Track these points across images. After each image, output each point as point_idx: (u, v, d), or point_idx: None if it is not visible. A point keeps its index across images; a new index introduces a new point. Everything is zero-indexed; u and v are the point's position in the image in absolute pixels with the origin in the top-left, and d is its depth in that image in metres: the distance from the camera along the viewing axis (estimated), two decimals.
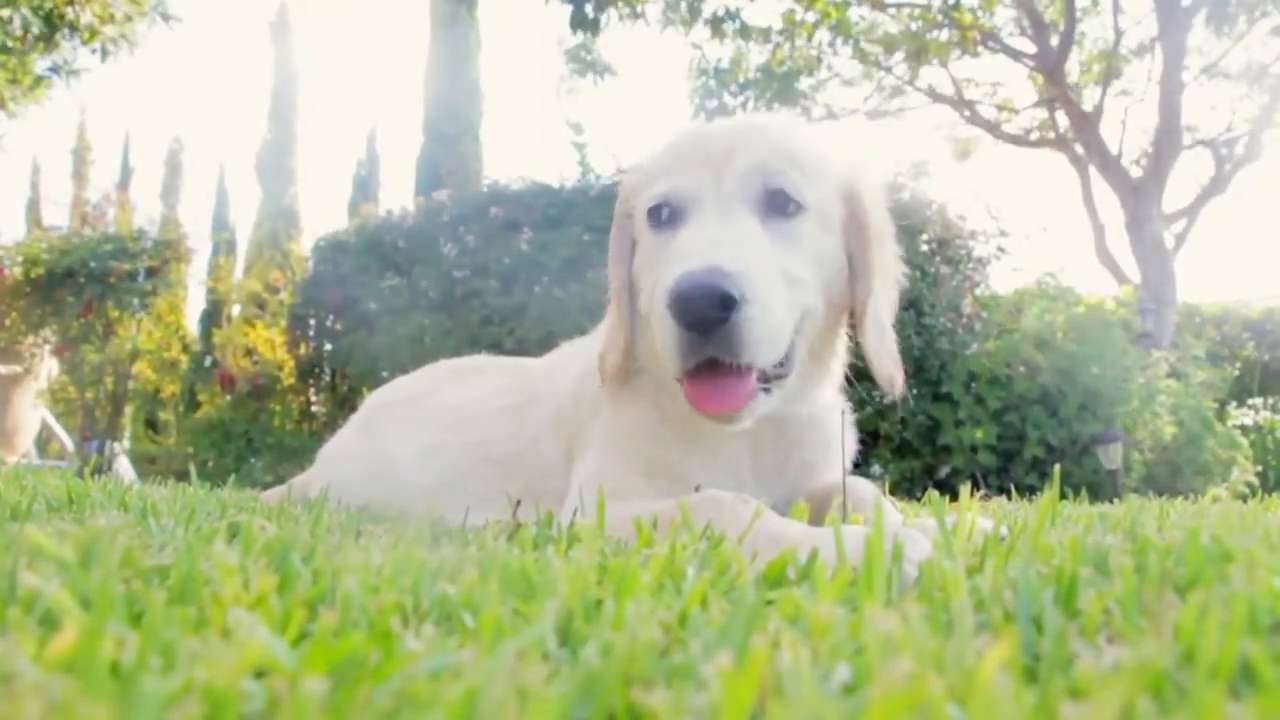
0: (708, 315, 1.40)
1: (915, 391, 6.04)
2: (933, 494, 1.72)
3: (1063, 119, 13.20)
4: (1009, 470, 6.01)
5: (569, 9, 10.93)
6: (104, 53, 7.56)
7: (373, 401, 2.83)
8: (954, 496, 1.89)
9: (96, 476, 2.72)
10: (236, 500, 2.38)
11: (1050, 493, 1.24)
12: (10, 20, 7.15)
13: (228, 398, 8.06)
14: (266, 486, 3.10)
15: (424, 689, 0.52)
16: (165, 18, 7.78)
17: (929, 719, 0.48)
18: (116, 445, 9.02)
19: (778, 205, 1.65)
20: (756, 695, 0.51)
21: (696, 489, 1.59)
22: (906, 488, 5.67)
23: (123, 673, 0.57)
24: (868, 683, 0.60)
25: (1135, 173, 12.10)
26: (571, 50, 13.73)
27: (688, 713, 0.50)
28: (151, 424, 10.73)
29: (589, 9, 10.83)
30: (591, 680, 0.56)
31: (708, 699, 0.52)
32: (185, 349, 9.88)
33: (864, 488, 1.78)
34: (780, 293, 1.53)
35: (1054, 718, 0.50)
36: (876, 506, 0.93)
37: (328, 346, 7.91)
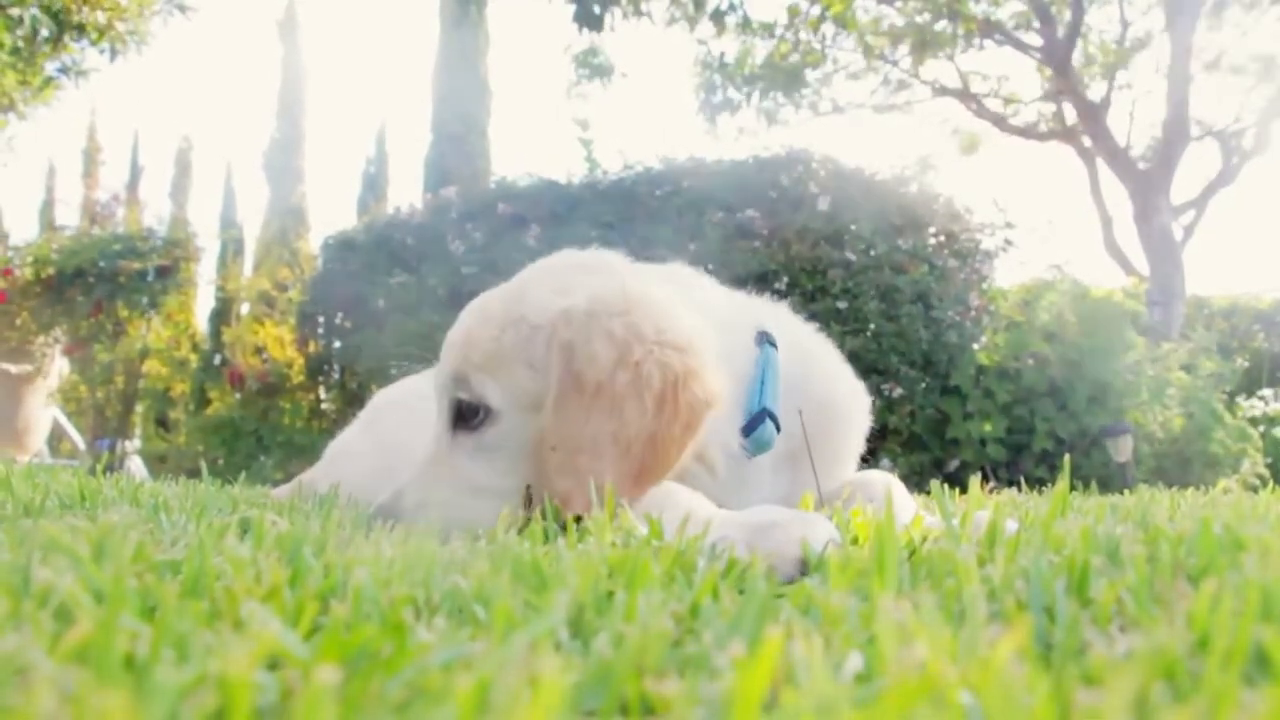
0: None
1: (924, 385, 6.04)
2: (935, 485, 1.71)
3: (1070, 112, 13.16)
4: (1018, 463, 6.01)
5: (573, 8, 10.93)
6: (113, 52, 7.57)
7: (379, 400, 2.84)
8: (963, 489, 1.88)
9: (108, 474, 2.73)
10: (247, 497, 2.39)
11: (1061, 483, 1.24)
12: (20, 21, 7.16)
13: (237, 396, 8.09)
14: (277, 483, 3.11)
15: (436, 680, 0.52)
16: (181, 8, 7.78)
17: (942, 707, 0.48)
18: (128, 444, 9.06)
19: (465, 417, 1.67)
20: (769, 684, 0.51)
21: None
22: (916, 481, 5.67)
23: (137, 665, 0.57)
24: (881, 672, 0.60)
25: (1143, 165, 12.07)
26: (580, 55, 13.77)
27: (700, 702, 0.50)
28: (162, 422, 10.78)
29: (595, 7, 10.83)
30: (604, 670, 0.57)
31: (720, 688, 0.52)
32: (195, 348, 9.93)
33: (878, 477, 1.80)
34: (461, 509, 1.62)
35: (1068, 705, 0.50)
36: (887, 495, 0.93)
37: (337, 344, 7.92)
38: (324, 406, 8.05)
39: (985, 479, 5.35)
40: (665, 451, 1.51)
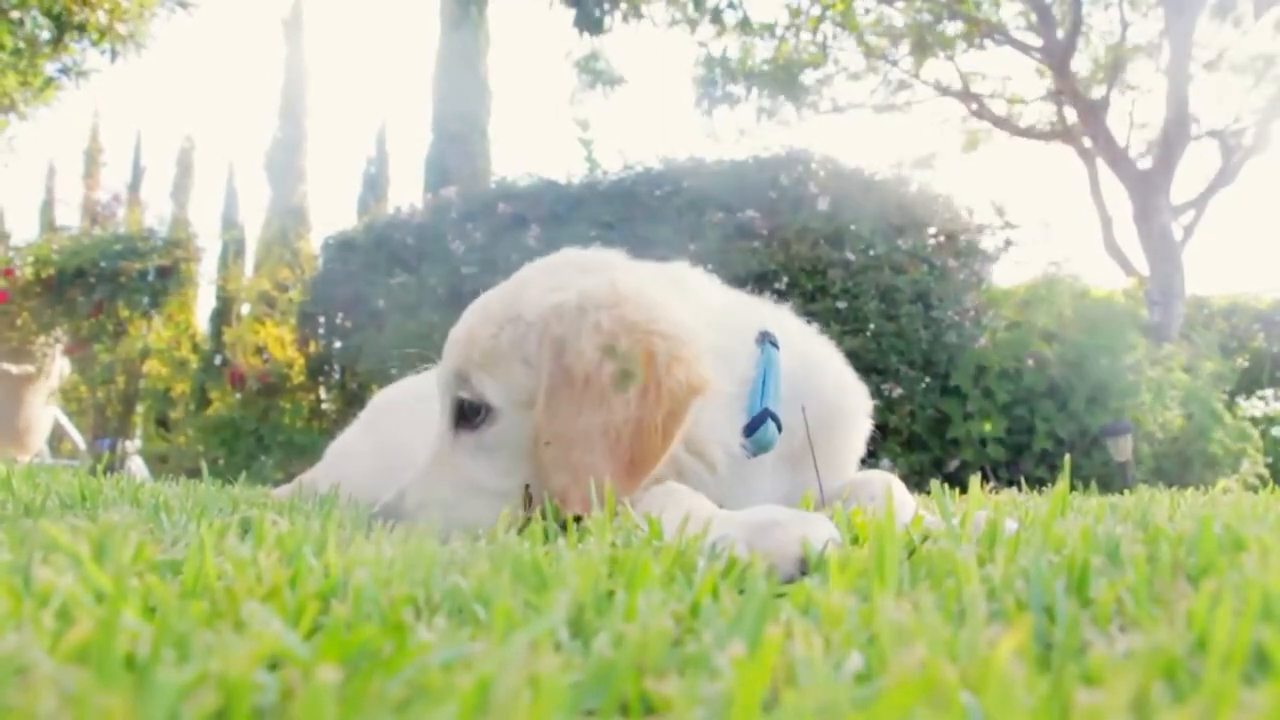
0: None
1: (924, 385, 6.04)
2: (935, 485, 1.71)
3: (1070, 112, 13.17)
4: (1018, 463, 6.01)
5: (573, 11, 10.95)
6: (113, 53, 7.57)
7: (379, 400, 2.84)
8: (963, 489, 1.88)
9: (109, 474, 2.73)
10: (248, 497, 2.39)
11: (1061, 483, 1.24)
12: (21, 23, 7.17)
13: (238, 396, 8.09)
14: (277, 483, 3.11)
15: (437, 679, 0.52)
16: (183, 5, 7.77)
17: (942, 706, 0.48)
18: (129, 444, 9.06)
19: (467, 416, 1.68)
20: (769, 684, 0.51)
21: None
22: (916, 481, 5.66)
23: (138, 665, 0.57)
24: (881, 671, 0.60)
25: (1143, 165, 12.07)
26: (581, 61, 13.79)
27: (700, 701, 0.50)
28: (162, 422, 10.78)
29: (594, 10, 10.84)
30: (604, 670, 0.57)
31: (721, 688, 0.52)
32: (195, 348, 9.93)
33: (878, 476, 1.80)
34: (462, 508, 1.62)
35: (1067, 704, 0.50)
36: (887, 494, 0.93)
37: (337, 344, 7.93)
38: (324, 406, 8.05)
39: (985, 479, 5.34)
40: (651, 440, 1.51)
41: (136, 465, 8.68)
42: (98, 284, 8.09)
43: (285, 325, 8.62)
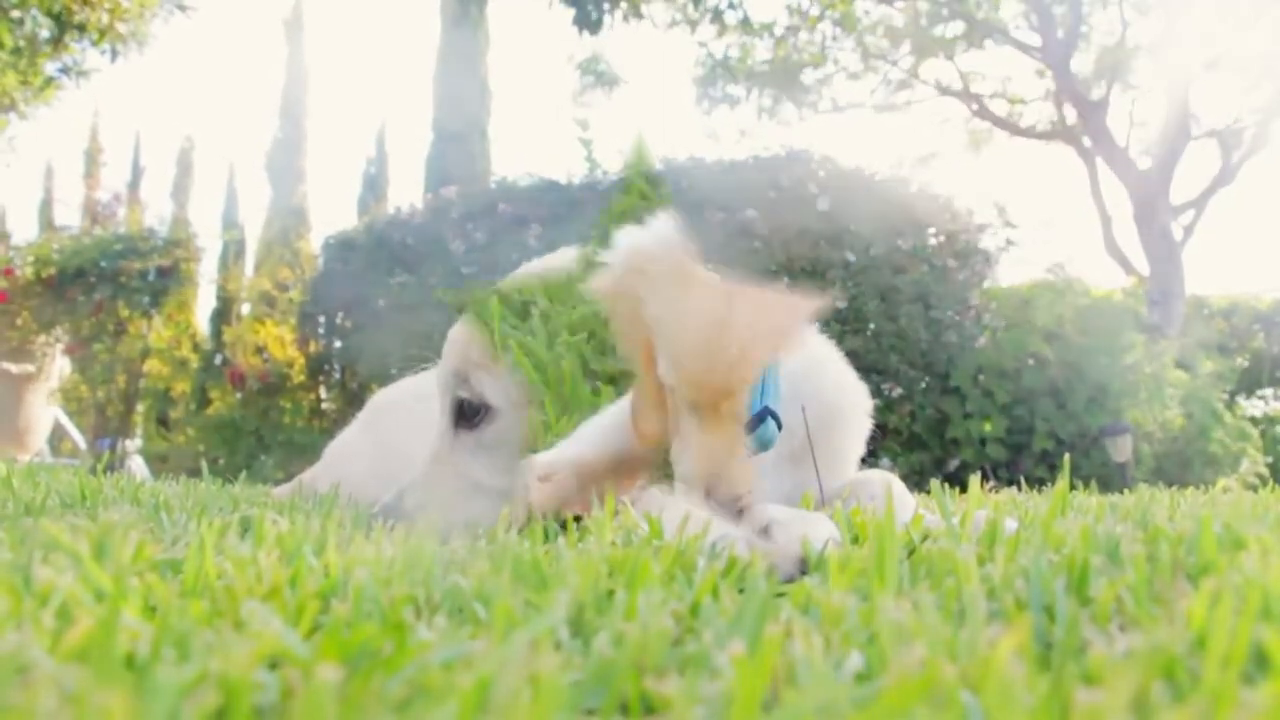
0: None
1: (924, 385, 6.04)
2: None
3: (1070, 112, 13.17)
4: (1018, 463, 6.00)
5: (573, 11, 10.96)
6: (114, 53, 7.56)
7: (377, 400, 2.84)
8: (963, 489, 1.88)
9: (109, 473, 2.73)
10: (248, 496, 2.38)
11: (1061, 482, 1.24)
12: (21, 22, 7.17)
13: (238, 395, 8.09)
14: (277, 483, 3.11)
15: (437, 678, 0.52)
16: (181, 7, 7.76)
17: (942, 706, 0.48)
18: (129, 443, 9.05)
19: (467, 415, 1.69)
20: (769, 683, 0.51)
21: None
22: (916, 481, 5.66)
23: (138, 664, 0.57)
24: (881, 671, 0.60)
25: (1143, 165, 12.07)
26: (584, 64, 13.82)
27: (700, 701, 0.50)
28: (163, 422, 10.77)
29: (590, 10, 10.85)
30: (604, 669, 0.57)
31: (720, 687, 0.52)
32: (195, 347, 9.92)
33: (878, 476, 1.80)
34: (462, 507, 1.63)
35: (1067, 703, 0.50)
36: (887, 493, 0.93)
37: (337, 344, 7.93)
38: (324, 406, 8.05)
39: (985, 479, 5.33)
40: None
41: (137, 464, 8.68)
42: (98, 284, 8.09)
43: (285, 325, 8.61)
